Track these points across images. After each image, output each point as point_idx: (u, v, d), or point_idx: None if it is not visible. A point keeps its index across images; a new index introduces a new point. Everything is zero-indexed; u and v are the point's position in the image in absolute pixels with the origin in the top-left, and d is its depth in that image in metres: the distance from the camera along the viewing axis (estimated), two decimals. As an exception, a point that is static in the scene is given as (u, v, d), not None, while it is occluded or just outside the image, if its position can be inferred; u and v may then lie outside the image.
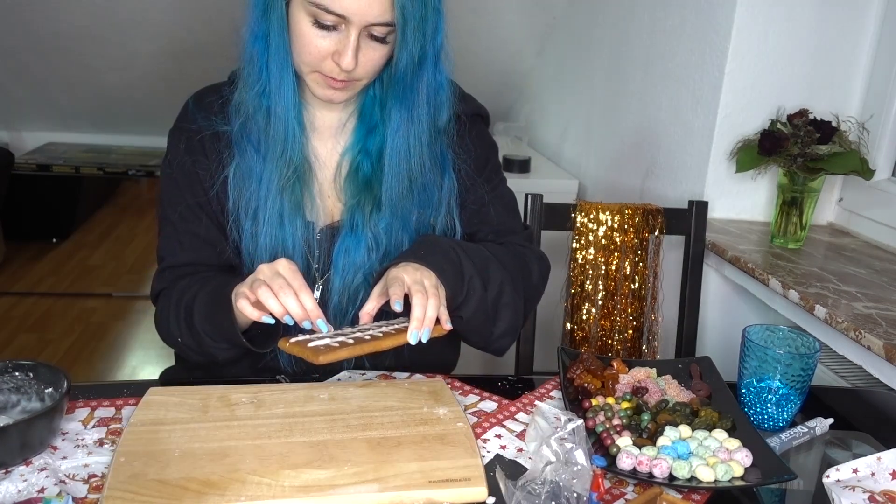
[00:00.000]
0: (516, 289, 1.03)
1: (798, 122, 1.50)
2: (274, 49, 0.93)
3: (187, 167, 1.03)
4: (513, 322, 1.03)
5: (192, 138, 1.03)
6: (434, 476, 0.78)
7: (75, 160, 3.79)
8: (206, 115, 1.03)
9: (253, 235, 1.01)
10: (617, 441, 0.86)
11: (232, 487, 0.74)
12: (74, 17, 2.96)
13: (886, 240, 1.58)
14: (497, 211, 1.12)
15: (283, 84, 0.95)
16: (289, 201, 1.00)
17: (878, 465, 0.81)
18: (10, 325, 2.98)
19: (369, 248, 1.02)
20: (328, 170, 1.06)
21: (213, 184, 1.03)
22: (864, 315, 1.18)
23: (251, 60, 0.95)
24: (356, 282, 1.02)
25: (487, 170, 1.12)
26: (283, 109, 0.96)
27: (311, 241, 1.03)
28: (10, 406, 0.87)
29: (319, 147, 1.05)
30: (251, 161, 1.00)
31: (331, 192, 1.06)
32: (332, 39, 0.90)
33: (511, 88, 3.41)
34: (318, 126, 1.05)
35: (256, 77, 0.96)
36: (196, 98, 1.06)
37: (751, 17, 1.61)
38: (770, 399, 0.95)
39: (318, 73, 0.94)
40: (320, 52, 0.91)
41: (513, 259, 1.06)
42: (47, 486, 0.75)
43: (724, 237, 1.60)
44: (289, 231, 1.00)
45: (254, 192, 1.00)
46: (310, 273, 1.04)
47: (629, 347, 1.59)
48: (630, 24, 2.18)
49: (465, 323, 0.99)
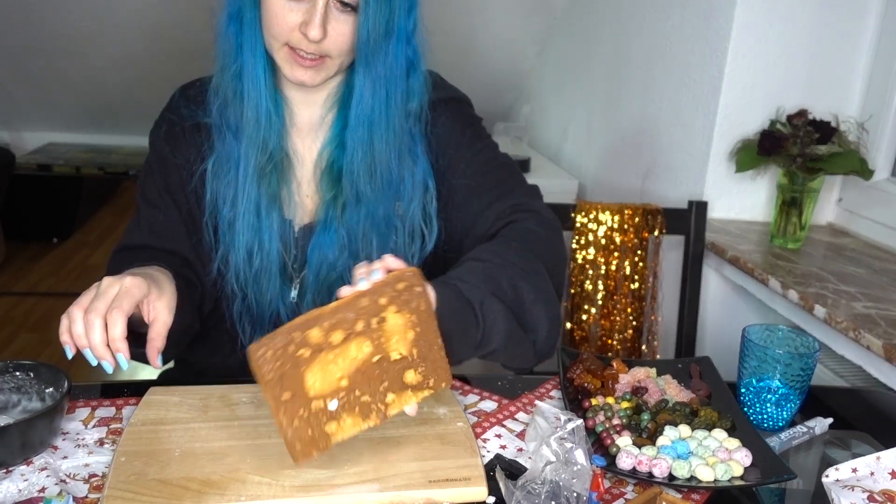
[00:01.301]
0: (536, 279, 0.90)
1: (798, 123, 1.50)
2: (247, 26, 0.93)
3: (164, 154, 1.04)
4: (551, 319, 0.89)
5: (172, 127, 1.04)
6: (434, 476, 0.78)
7: (76, 160, 3.79)
8: (188, 106, 1.03)
9: (230, 224, 1.00)
10: (617, 441, 0.87)
11: (232, 487, 0.75)
12: (75, 17, 2.96)
13: (886, 240, 1.58)
14: (489, 178, 1.04)
15: (255, 63, 0.95)
16: (266, 193, 0.99)
17: (877, 464, 0.81)
18: (10, 325, 2.98)
19: (342, 244, 1.01)
20: (307, 167, 1.05)
21: (189, 175, 1.02)
22: (863, 315, 1.18)
23: (226, 41, 0.95)
24: (330, 279, 1.02)
25: (466, 140, 1.06)
26: (255, 90, 0.96)
27: (287, 239, 1.03)
28: (11, 406, 0.87)
29: (299, 144, 1.04)
30: (230, 147, 1.00)
31: (310, 191, 1.05)
32: (301, 10, 0.89)
33: (511, 88, 3.41)
34: (297, 122, 1.04)
35: (232, 59, 0.95)
36: (182, 89, 1.07)
37: (751, 17, 1.61)
38: (770, 399, 0.95)
39: (288, 48, 0.92)
40: (288, 23, 0.90)
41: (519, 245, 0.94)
42: (48, 486, 0.75)
43: (724, 237, 1.60)
44: (265, 224, 1.00)
45: (231, 179, 1.00)
46: (286, 271, 1.04)
47: (629, 347, 1.59)
48: (630, 24, 2.18)
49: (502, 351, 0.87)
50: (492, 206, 1.00)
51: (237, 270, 1.00)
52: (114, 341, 0.78)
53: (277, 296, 1.02)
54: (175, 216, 1.03)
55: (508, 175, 1.05)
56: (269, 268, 1.01)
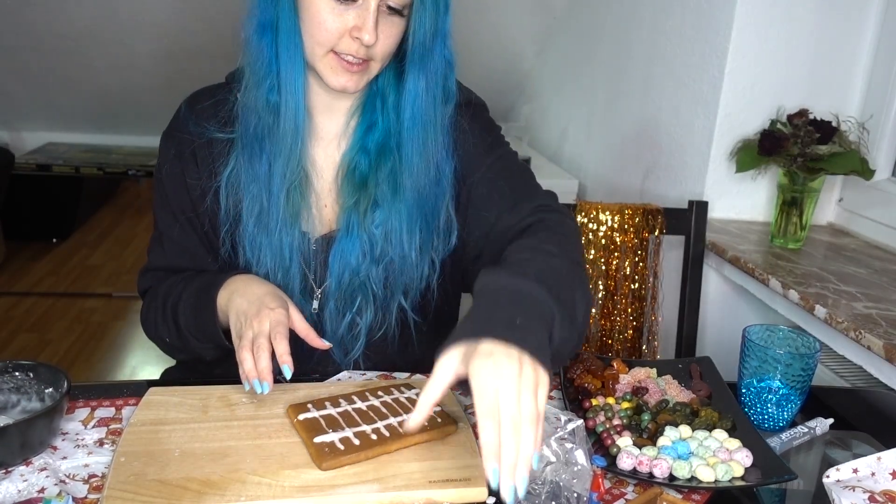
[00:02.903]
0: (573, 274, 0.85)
1: (798, 122, 1.50)
2: (284, 36, 0.91)
3: (176, 175, 1.03)
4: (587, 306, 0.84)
5: (182, 146, 1.02)
6: (434, 476, 0.78)
7: (75, 160, 3.79)
8: (198, 121, 1.01)
9: (253, 239, 0.99)
10: (617, 441, 0.86)
11: (232, 487, 0.74)
12: (75, 17, 2.96)
13: (886, 240, 1.58)
14: (512, 181, 1.03)
15: (295, 75, 0.93)
16: (290, 209, 0.98)
17: (878, 465, 0.81)
18: (10, 325, 2.98)
19: (364, 249, 1.00)
20: (325, 178, 1.04)
21: (202, 194, 1.01)
22: (864, 315, 1.18)
23: (259, 55, 0.92)
24: (352, 286, 1.01)
25: (486, 145, 1.06)
26: (293, 102, 0.94)
27: (306, 252, 1.01)
28: (10, 406, 0.87)
29: (317, 155, 1.03)
30: (255, 162, 0.98)
31: (328, 201, 1.04)
32: (351, 14, 0.88)
33: (511, 88, 3.41)
34: (318, 133, 1.03)
35: (266, 72, 0.93)
36: (189, 102, 1.04)
37: (751, 17, 1.61)
38: (770, 399, 0.95)
39: (333, 55, 0.91)
40: (338, 28, 0.88)
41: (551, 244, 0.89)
42: (47, 486, 0.75)
43: (724, 237, 1.60)
44: (286, 241, 0.99)
45: (257, 195, 0.98)
46: (307, 284, 1.03)
47: (629, 347, 1.59)
48: (630, 24, 2.18)
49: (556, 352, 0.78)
50: (518, 206, 0.99)
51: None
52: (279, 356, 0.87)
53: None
54: (192, 236, 1.04)
55: (530, 179, 1.07)
56: (289, 284, 1.00)
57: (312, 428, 0.83)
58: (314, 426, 0.83)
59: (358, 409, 0.88)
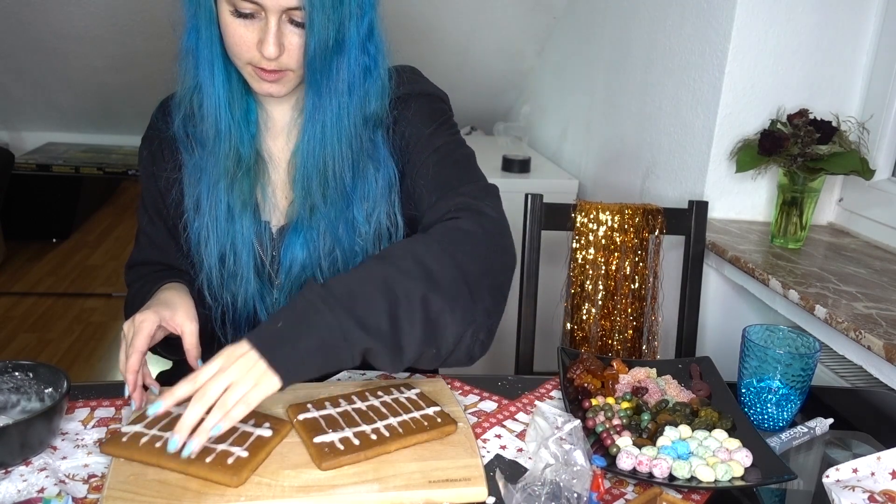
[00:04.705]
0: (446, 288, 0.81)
1: (798, 122, 1.50)
2: (204, 43, 0.94)
3: (148, 172, 1.09)
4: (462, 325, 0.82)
5: (152, 144, 1.08)
6: (434, 476, 0.78)
7: (75, 160, 3.79)
8: (164, 119, 1.06)
9: (199, 230, 1.02)
10: (617, 441, 0.86)
11: (232, 487, 0.74)
12: (74, 17, 2.96)
13: (886, 240, 1.58)
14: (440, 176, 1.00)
15: (213, 78, 0.95)
16: (237, 197, 1.00)
17: (877, 464, 0.81)
18: (9, 325, 2.98)
19: (309, 244, 1.02)
20: (281, 168, 1.06)
21: (167, 185, 1.06)
22: (864, 315, 1.18)
23: (185, 57, 0.97)
24: (301, 279, 1.03)
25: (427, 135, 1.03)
26: (213, 106, 0.96)
27: (264, 240, 1.04)
28: (10, 406, 0.87)
29: (273, 145, 1.05)
30: (197, 157, 1.02)
31: (285, 192, 1.06)
32: (254, 28, 0.90)
33: (511, 88, 3.41)
34: (270, 125, 1.05)
35: (192, 73, 0.97)
36: (161, 103, 1.10)
37: (751, 17, 1.61)
38: (770, 399, 0.95)
39: (251, 66, 0.94)
40: (244, 42, 0.91)
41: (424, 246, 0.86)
42: (47, 486, 0.75)
43: (724, 237, 1.60)
44: (238, 228, 1.01)
45: (203, 187, 1.02)
46: (264, 272, 1.05)
47: (629, 347, 1.59)
48: (630, 24, 2.18)
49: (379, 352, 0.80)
50: (435, 206, 0.97)
51: (209, 276, 1.03)
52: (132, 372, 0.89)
53: (252, 298, 1.04)
54: (163, 230, 1.10)
55: (460, 173, 1.01)
56: (241, 271, 1.02)
57: (312, 428, 0.83)
58: (314, 426, 0.83)
59: (358, 409, 0.88)
